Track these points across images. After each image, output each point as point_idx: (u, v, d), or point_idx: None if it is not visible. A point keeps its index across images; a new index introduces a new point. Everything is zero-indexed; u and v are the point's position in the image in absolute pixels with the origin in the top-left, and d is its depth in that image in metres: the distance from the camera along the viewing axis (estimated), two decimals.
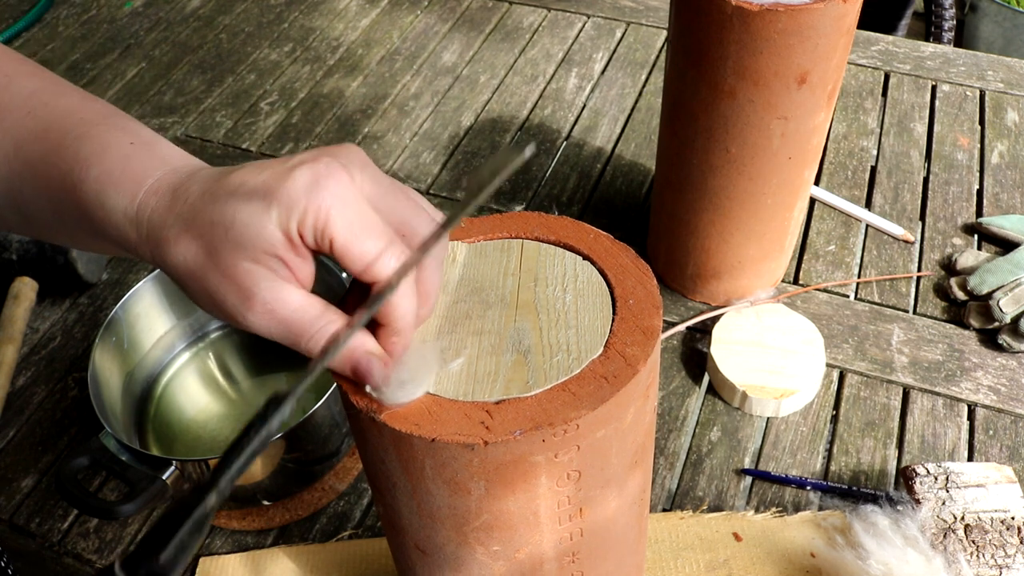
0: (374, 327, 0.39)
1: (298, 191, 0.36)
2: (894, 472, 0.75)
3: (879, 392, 0.81)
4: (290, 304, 0.38)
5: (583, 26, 1.26)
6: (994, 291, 0.83)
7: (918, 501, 0.67)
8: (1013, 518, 0.66)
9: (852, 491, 0.73)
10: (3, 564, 0.65)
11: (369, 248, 0.37)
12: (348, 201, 0.37)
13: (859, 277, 0.90)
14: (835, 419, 0.79)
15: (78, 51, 1.27)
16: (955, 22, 1.96)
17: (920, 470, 0.69)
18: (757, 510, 0.73)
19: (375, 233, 0.37)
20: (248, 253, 0.37)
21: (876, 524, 0.65)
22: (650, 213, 0.91)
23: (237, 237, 0.37)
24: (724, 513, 0.72)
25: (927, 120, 1.08)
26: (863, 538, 0.64)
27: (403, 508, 0.43)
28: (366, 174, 0.38)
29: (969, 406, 0.80)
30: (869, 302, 0.88)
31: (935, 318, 0.86)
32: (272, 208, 0.36)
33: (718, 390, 0.81)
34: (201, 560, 0.72)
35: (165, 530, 0.33)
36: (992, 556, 0.64)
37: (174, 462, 0.67)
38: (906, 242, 0.93)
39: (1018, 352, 0.82)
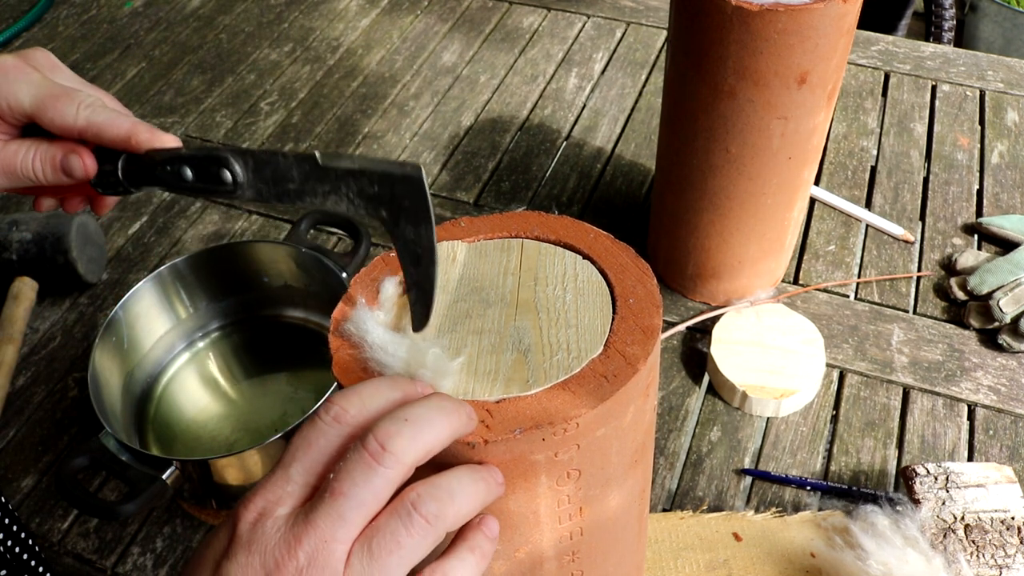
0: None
1: None
2: (894, 472, 0.75)
3: (879, 392, 0.81)
4: None
5: (583, 26, 1.26)
6: (994, 291, 0.83)
7: (918, 501, 0.67)
8: (1013, 518, 0.66)
9: (852, 491, 0.73)
10: (14, 550, 0.65)
11: (61, 108, 0.46)
12: (34, 83, 0.47)
13: (859, 277, 0.90)
14: (835, 419, 0.79)
15: (78, 51, 1.27)
16: (955, 22, 1.96)
17: (920, 470, 0.69)
18: (757, 510, 0.73)
19: (63, 98, 0.46)
20: None
21: (876, 524, 0.64)
22: (650, 213, 0.91)
23: None
24: (724, 513, 0.72)
25: (927, 120, 1.08)
26: (863, 538, 0.64)
27: None
28: (56, 72, 0.49)
29: (969, 406, 0.80)
30: (869, 302, 0.88)
31: (935, 318, 0.86)
32: None
33: (718, 390, 0.81)
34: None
35: None
36: (992, 556, 0.64)
37: (174, 462, 0.67)
38: (906, 242, 0.93)
39: (1018, 352, 0.82)
